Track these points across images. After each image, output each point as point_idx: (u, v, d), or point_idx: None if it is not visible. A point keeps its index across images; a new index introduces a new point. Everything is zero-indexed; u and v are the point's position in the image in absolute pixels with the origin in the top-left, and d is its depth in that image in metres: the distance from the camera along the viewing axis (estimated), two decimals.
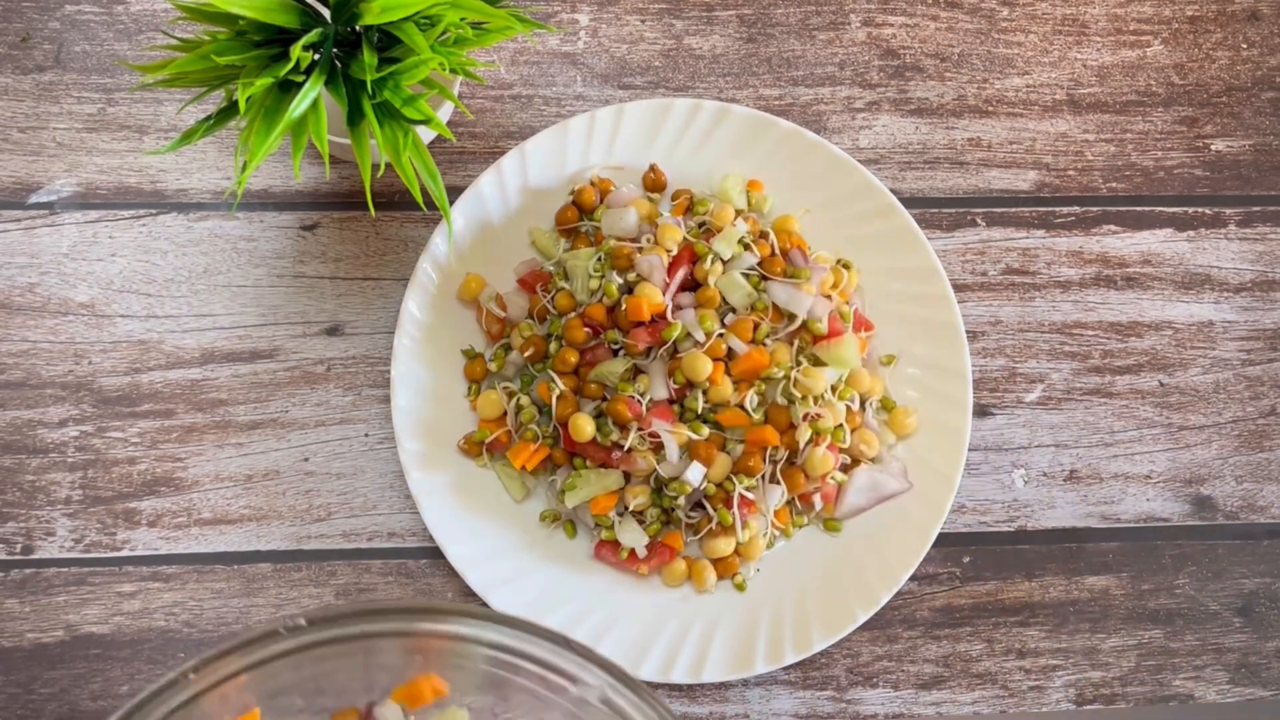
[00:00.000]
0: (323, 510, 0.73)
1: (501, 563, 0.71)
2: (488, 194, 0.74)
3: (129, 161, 0.77)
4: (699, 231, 0.73)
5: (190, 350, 0.74)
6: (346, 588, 0.72)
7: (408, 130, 0.63)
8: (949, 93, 0.81)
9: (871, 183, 0.74)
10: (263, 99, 0.61)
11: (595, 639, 0.69)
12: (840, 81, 0.80)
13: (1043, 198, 0.79)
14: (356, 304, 0.75)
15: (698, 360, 0.69)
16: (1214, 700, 0.73)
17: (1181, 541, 0.75)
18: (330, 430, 0.74)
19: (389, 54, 0.62)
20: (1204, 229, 0.80)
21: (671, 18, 0.81)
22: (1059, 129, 0.80)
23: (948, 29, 0.82)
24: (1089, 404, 0.77)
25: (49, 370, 0.73)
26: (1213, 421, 0.77)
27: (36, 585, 0.71)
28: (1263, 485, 0.76)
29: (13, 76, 0.77)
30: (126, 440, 0.73)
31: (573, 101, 0.79)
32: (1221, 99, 0.82)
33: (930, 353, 0.73)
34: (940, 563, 0.74)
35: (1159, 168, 0.80)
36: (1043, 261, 0.78)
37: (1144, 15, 0.83)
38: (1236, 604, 0.75)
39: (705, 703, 0.71)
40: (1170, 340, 0.78)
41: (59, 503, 0.72)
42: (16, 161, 0.76)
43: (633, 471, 0.69)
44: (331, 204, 0.76)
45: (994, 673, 0.73)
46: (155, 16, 0.79)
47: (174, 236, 0.76)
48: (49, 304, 0.74)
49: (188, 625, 0.71)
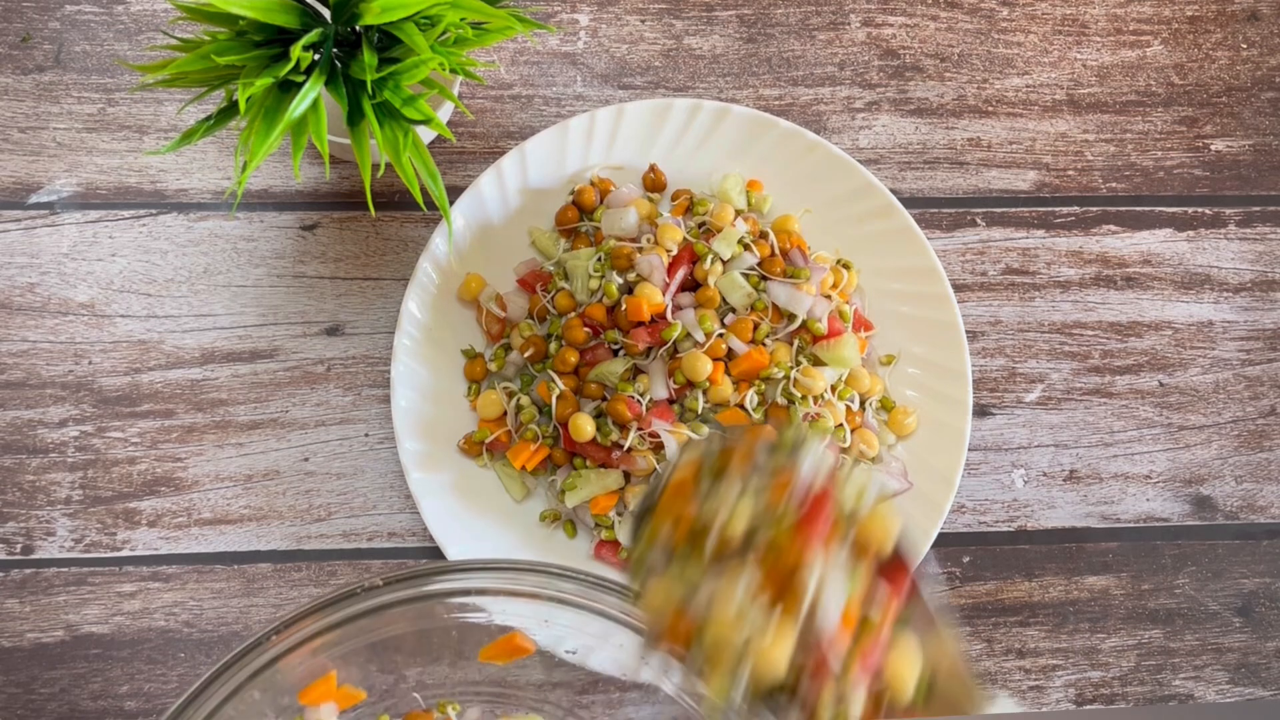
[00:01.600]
0: (323, 510, 0.73)
1: None
2: (488, 194, 0.74)
3: (129, 161, 0.77)
4: (699, 231, 0.73)
5: (190, 350, 0.74)
6: None
7: (408, 130, 0.63)
8: (949, 93, 0.81)
9: (871, 183, 0.74)
10: (263, 99, 0.61)
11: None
12: (840, 81, 0.80)
13: (1043, 198, 0.79)
14: (356, 304, 0.75)
15: (698, 360, 0.69)
16: (1214, 700, 0.73)
17: (1181, 541, 0.75)
18: (330, 430, 0.74)
19: (389, 54, 0.62)
20: (1204, 229, 0.80)
21: (671, 18, 0.81)
22: (1059, 129, 0.80)
23: (948, 29, 0.82)
24: (1089, 404, 0.77)
25: (49, 370, 0.73)
26: (1213, 421, 0.77)
27: (36, 585, 0.71)
28: (1263, 485, 0.76)
29: (13, 76, 0.77)
30: (126, 440, 0.73)
31: (573, 101, 0.79)
32: (1221, 99, 0.82)
33: (930, 353, 0.73)
34: (940, 563, 0.74)
35: (1159, 168, 0.80)
36: (1043, 261, 0.78)
37: (1144, 15, 0.83)
38: (1236, 604, 0.75)
39: None
40: (1170, 340, 0.78)
41: (59, 503, 0.72)
42: (16, 161, 0.76)
43: (633, 471, 0.69)
44: (331, 204, 0.76)
45: (994, 673, 0.73)
46: (155, 16, 0.79)
47: (174, 236, 0.76)
48: (49, 304, 0.74)
49: (188, 625, 0.71)
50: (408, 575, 0.51)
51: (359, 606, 0.51)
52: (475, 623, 0.54)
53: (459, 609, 0.53)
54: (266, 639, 0.50)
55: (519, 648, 0.54)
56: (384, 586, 0.51)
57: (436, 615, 0.53)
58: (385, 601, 0.51)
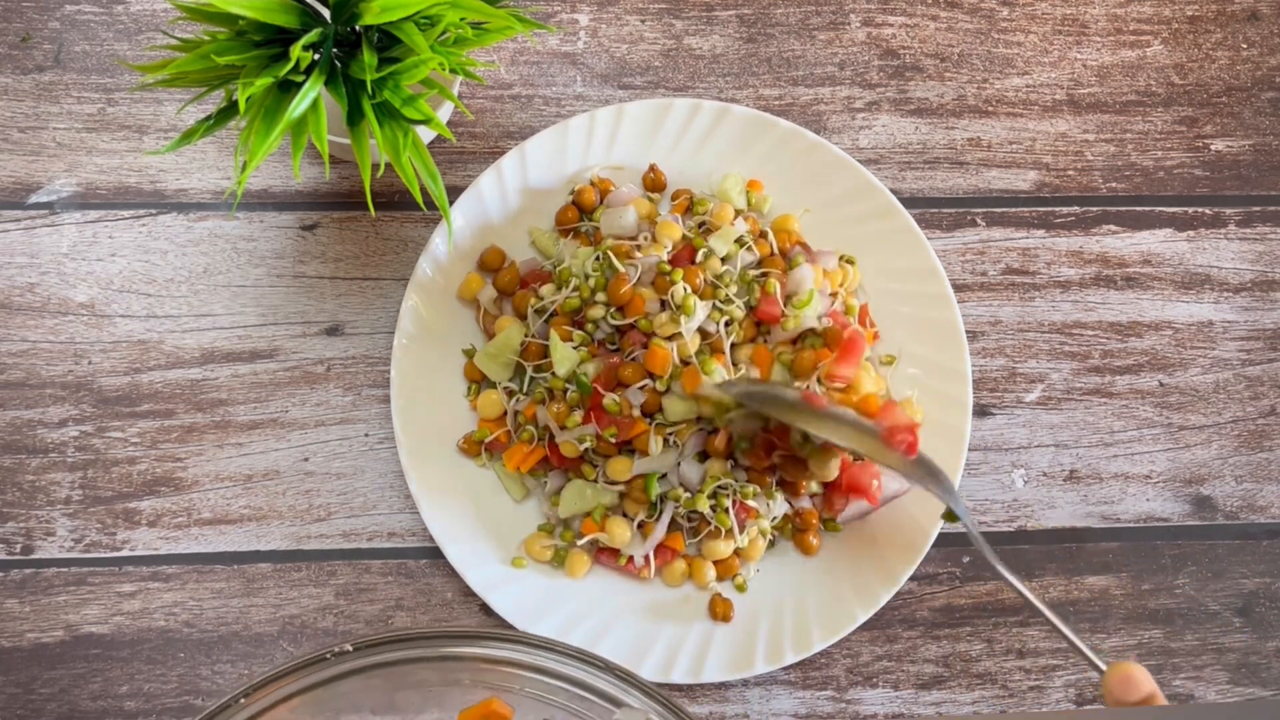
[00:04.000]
0: (323, 510, 0.73)
1: (501, 563, 0.70)
2: (488, 194, 0.74)
3: (129, 161, 0.77)
4: (699, 231, 0.73)
5: (190, 350, 0.74)
6: (346, 588, 0.72)
7: (408, 130, 0.62)
8: (949, 93, 0.81)
9: (871, 183, 0.74)
10: (263, 99, 0.61)
11: (596, 639, 0.69)
12: (840, 81, 0.80)
13: (1043, 198, 0.79)
14: (356, 304, 0.75)
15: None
16: (1214, 700, 0.73)
17: (1181, 541, 0.75)
18: (330, 430, 0.74)
19: (389, 54, 0.62)
20: (1204, 229, 0.80)
21: (671, 18, 0.81)
22: (1059, 129, 0.80)
23: (948, 29, 0.82)
24: (1089, 404, 0.77)
25: (49, 370, 0.73)
26: (1213, 421, 0.77)
27: (36, 585, 0.71)
28: (1263, 485, 0.76)
29: (13, 76, 0.77)
30: (126, 440, 0.73)
31: (572, 101, 0.79)
32: (1221, 99, 0.82)
33: (930, 353, 0.73)
34: (940, 563, 0.74)
35: (1159, 168, 0.80)
36: (1043, 261, 0.78)
37: (1144, 15, 0.83)
38: (1236, 604, 0.75)
39: (705, 703, 0.71)
40: (1170, 340, 0.78)
41: (59, 503, 0.72)
42: (16, 161, 0.76)
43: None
44: (331, 204, 0.76)
45: (994, 673, 0.73)
46: (155, 16, 0.79)
47: (174, 236, 0.76)
48: (49, 304, 0.74)
49: (188, 625, 0.71)
50: (376, 641, 0.51)
51: (330, 671, 0.51)
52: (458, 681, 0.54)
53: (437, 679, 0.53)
54: (235, 701, 0.50)
55: (496, 713, 0.54)
56: (353, 652, 0.51)
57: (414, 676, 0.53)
58: (354, 667, 0.51)
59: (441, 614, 0.72)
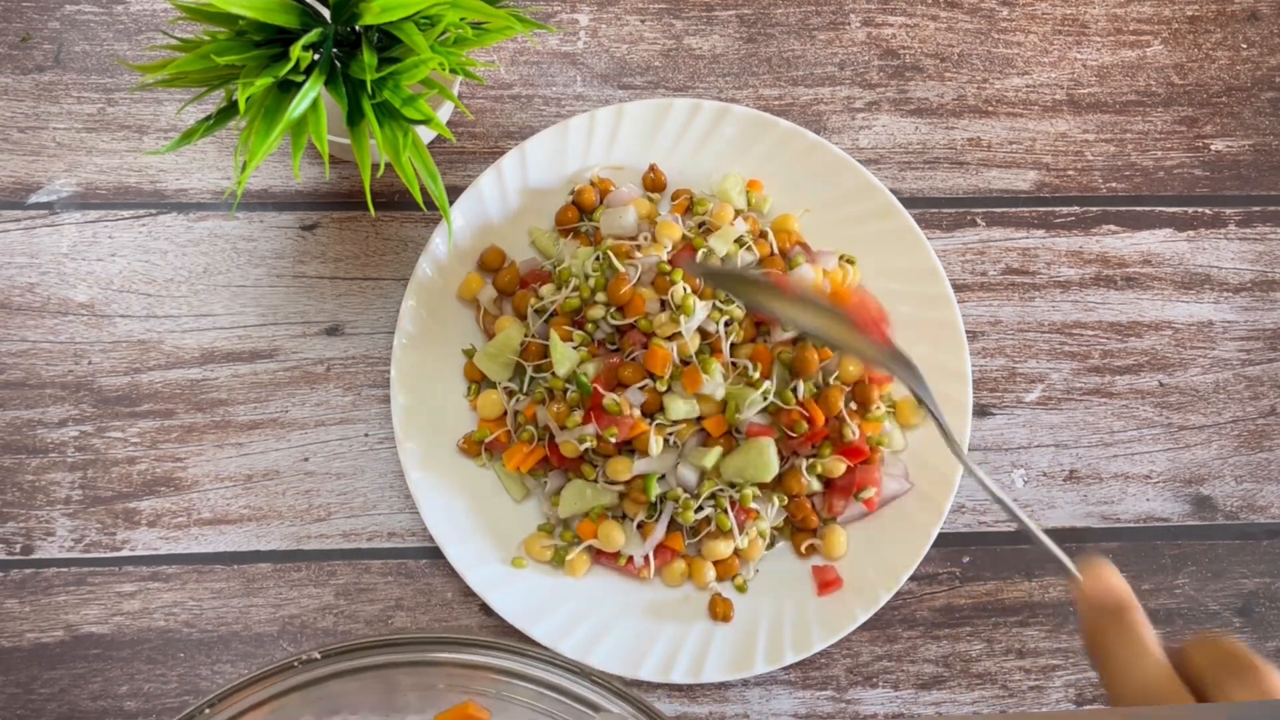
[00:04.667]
0: (322, 510, 0.73)
1: (501, 563, 0.70)
2: (488, 194, 0.74)
3: (129, 161, 0.77)
4: (699, 231, 0.73)
5: (190, 350, 0.74)
6: (346, 588, 0.72)
7: (407, 130, 0.62)
8: (949, 93, 0.81)
9: (871, 183, 0.74)
10: (263, 99, 0.61)
11: (595, 639, 0.69)
12: (840, 81, 0.80)
13: (1043, 198, 0.79)
14: (356, 304, 0.75)
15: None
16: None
17: (1181, 541, 0.75)
18: (330, 430, 0.74)
19: (389, 54, 0.62)
20: (1204, 229, 0.80)
21: (671, 18, 0.81)
22: (1059, 129, 0.80)
23: (948, 29, 0.82)
24: (1089, 404, 0.77)
25: (49, 370, 0.73)
26: (1212, 421, 0.77)
27: (36, 585, 0.71)
28: (1262, 485, 0.76)
29: (13, 76, 0.77)
30: (126, 440, 0.73)
31: (572, 101, 0.79)
32: (1221, 99, 0.82)
33: (930, 353, 0.73)
34: (940, 563, 0.74)
35: (1159, 168, 0.80)
36: (1042, 261, 0.78)
37: (1144, 15, 0.83)
38: (1236, 604, 0.75)
39: (705, 703, 0.71)
40: (1170, 340, 0.78)
41: (59, 503, 0.72)
42: (16, 161, 0.76)
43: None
44: (331, 204, 0.76)
45: (994, 673, 0.73)
46: (155, 16, 0.79)
47: (174, 236, 0.76)
48: (49, 304, 0.74)
49: (188, 625, 0.71)
50: (346, 648, 0.50)
51: (295, 679, 0.50)
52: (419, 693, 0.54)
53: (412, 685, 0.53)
54: (200, 711, 0.49)
55: (473, 717, 0.53)
56: (321, 660, 0.50)
57: (376, 686, 0.52)
58: (321, 674, 0.51)
59: (441, 614, 0.72)
